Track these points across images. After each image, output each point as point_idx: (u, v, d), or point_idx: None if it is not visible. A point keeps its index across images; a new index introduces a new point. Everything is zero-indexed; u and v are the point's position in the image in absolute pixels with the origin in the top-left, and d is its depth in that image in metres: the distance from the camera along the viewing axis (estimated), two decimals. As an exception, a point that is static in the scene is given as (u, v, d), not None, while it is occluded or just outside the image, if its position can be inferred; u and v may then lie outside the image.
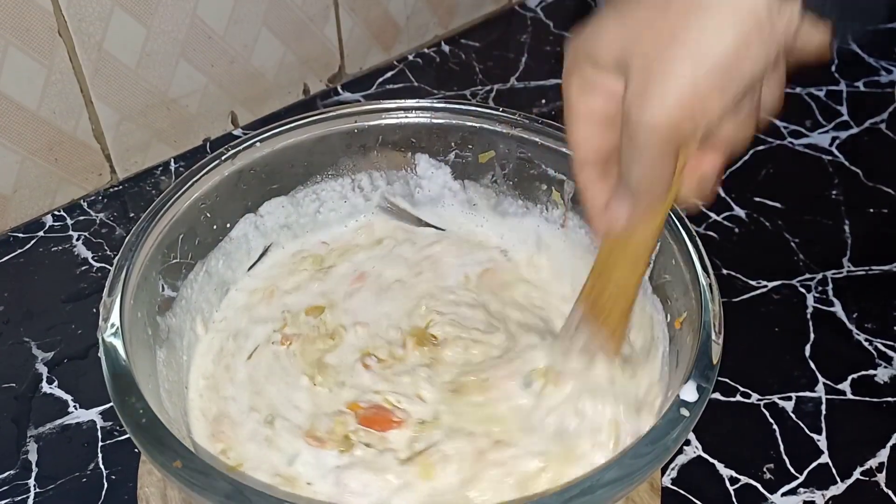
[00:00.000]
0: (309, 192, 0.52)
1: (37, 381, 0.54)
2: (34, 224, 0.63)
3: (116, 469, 0.49)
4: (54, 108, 0.60)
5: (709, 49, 0.30)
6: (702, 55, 0.30)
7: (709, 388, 0.37)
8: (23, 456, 0.50)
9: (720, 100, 0.31)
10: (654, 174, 0.33)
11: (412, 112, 0.51)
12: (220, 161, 0.47)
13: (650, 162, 0.32)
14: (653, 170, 0.33)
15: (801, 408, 0.53)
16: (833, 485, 0.49)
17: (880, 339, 0.56)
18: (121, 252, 0.42)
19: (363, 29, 0.74)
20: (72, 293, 0.59)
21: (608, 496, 0.34)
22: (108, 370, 0.38)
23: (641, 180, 0.33)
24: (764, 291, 0.59)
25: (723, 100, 0.31)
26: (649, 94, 0.31)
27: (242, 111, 0.71)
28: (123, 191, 0.66)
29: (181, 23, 0.63)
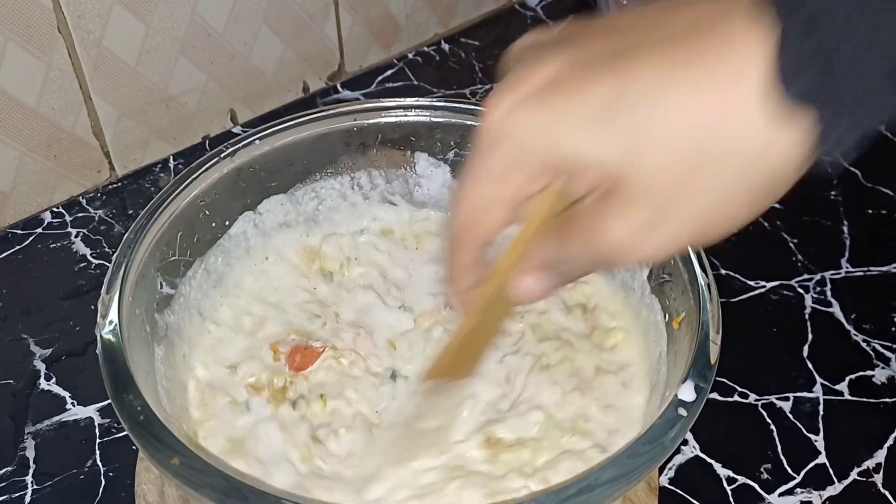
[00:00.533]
0: (308, 190, 0.52)
1: (35, 377, 0.54)
2: (33, 221, 0.63)
3: (114, 466, 0.49)
4: (53, 105, 0.60)
5: (717, 205, 0.26)
6: (710, 209, 0.26)
7: (707, 387, 0.37)
8: (20, 453, 0.50)
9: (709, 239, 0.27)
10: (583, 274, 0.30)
11: (412, 110, 0.51)
12: (220, 159, 0.47)
13: (594, 272, 0.30)
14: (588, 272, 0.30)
15: (799, 408, 0.53)
16: (830, 485, 0.49)
17: (878, 340, 0.56)
18: (119, 249, 0.42)
19: (363, 27, 0.74)
20: (70, 290, 0.59)
21: (605, 495, 0.34)
22: (106, 367, 0.38)
23: (572, 276, 0.30)
24: (762, 292, 0.59)
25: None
26: (656, 233, 0.27)
27: (242, 109, 0.71)
28: (122, 188, 0.66)
29: (181, 20, 0.63)
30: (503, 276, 0.30)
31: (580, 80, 0.26)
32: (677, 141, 0.25)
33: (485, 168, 0.28)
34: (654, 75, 0.25)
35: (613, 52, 0.25)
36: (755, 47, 0.23)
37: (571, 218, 0.28)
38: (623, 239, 0.27)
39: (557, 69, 0.26)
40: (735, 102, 0.24)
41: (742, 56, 0.24)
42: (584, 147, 0.26)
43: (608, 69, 0.25)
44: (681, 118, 0.24)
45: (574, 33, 0.27)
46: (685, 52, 0.24)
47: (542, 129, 0.26)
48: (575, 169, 0.27)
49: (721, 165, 0.25)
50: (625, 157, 0.25)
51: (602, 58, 0.25)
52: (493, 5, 0.82)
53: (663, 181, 0.25)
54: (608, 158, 0.25)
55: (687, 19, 0.25)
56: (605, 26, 0.27)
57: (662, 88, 0.24)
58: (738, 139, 0.24)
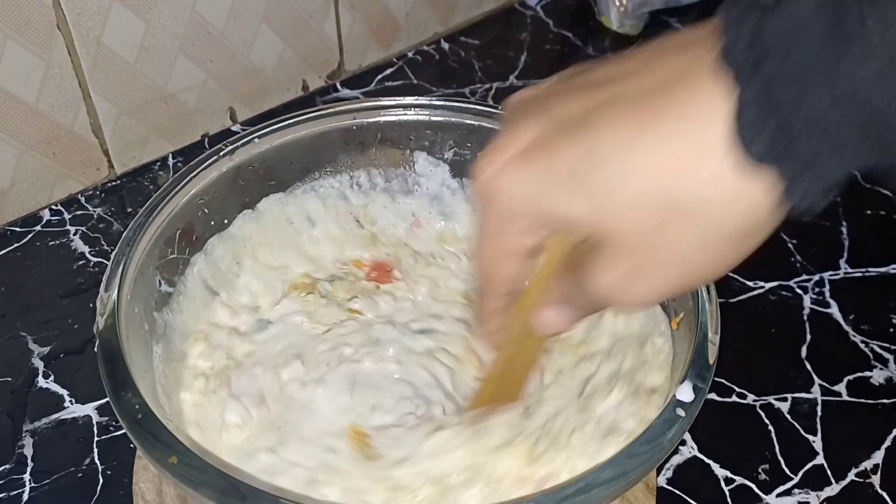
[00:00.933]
0: (307, 188, 0.52)
1: (33, 375, 0.54)
2: (31, 218, 0.63)
3: (112, 464, 0.49)
4: (52, 103, 0.60)
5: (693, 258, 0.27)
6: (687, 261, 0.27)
7: (705, 388, 0.37)
8: (18, 451, 0.50)
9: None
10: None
11: (411, 109, 0.51)
12: (219, 157, 0.47)
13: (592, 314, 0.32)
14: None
15: (797, 409, 0.53)
16: (828, 486, 0.49)
17: (876, 341, 0.56)
18: (118, 247, 0.42)
19: (363, 26, 0.74)
20: (69, 288, 0.59)
21: (603, 495, 0.34)
22: (105, 365, 0.38)
23: (588, 310, 0.32)
24: (761, 292, 0.59)
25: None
26: (641, 281, 0.28)
27: (241, 107, 0.71)
28: (121, 185, 0.66)
29: (180, 18, 0.63)
30: (528, 311, 0.32)
31: (554, 144, 0.27)
32: (643, 198, 0.26)
33: (484, 227, 0.31)
34: (618, 136, 0.26)
35: (584, 113, 0.27)
36: (716, 107, 0.24)
37: (581, 256, 0.30)
38: (611, 286, 0.28)
39: (536, 133, 0.28)
40: (699, 159, 0.25)
41: (704, 115, 0.24)
42: (560, 207, 0.27)
43: (578, 131, 0.27)
44: (644, 176, 0.25)
45: (556, 92, 0.29)
46: (650, 111, 0.25)
47: (523, 191, 0.28)
48: (559, 225, 0.29)
49: (691, 218, 0.26)
50: (596, 216, 0.27)
51: (574, 119, 0.27)
52: (493, 4, 0.82)
53: (636, 235, 0.27)
54: (582, 217, 0.27)
55: (656, 75, 0.26)
56: (585, 82, 0.28)
57: (626, 148, 0.26)
58: (705, 194, 0.25)
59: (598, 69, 0.28)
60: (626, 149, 0.26)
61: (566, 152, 0.27)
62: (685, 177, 0.25)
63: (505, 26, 0.81)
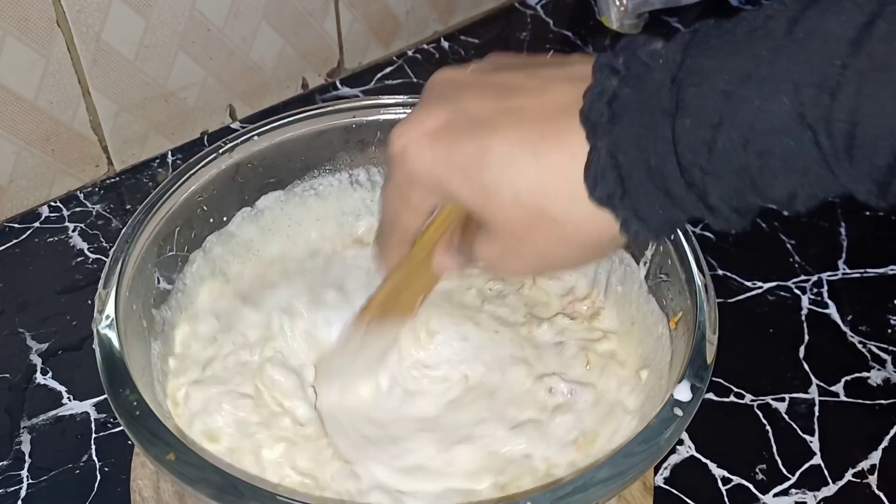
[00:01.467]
0: (306, 186, 0.52)
1: (31, 371, 0.54)
2: (30, 215, 0.63)
3: (110, 461, 0.49)
4: (52, 99, 0.60)
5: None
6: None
7: (702, 388, 0.37)
8: (16, 447, 0.50)
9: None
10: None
11: (411, 108, 0.51)
12: (218, 154, 0.47)
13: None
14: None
15: (795, 409, 0.53)
16: (825, 486, 0.49)
17: (874, 342, 0.56)
18: (116, 244, 0.42)
19: (363, 24, 0.74)
20: (67, 284, 0.59)
21: (600, 494, 0.34)
22: (103, 362, 0.38)
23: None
24: (759, 292, 0.59)
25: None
26: (510, 262, 0.34)
27: (241, 104, 0.71)
28: (120, 182, 0.66)
29: (180, 15, 0.63)
30: (426, 248, 0.37)
31: (459, 135, 0.32)
32: (518, 201, 0.31)
33: (391, 183, 0.36)
34: (509, 146, 0.31)
35: (489, 116, 0.32)
36: (579, 150, 0.30)
37: (470, 221, 0.35)
38: (488, 259, 0.35)
39: (447, 118, 0.33)
40: (563, 185, 0.31)
41: (571, 152, 0.30)
42: (453, 188, 0.33)
43: (479, 130, 0.32)
44: (522, 184, 0.31)
45: (474, 83, 0.34)
46: (536, 134, 0.31)
47: (427, 166, 0.33)
48: (452, 201, 0.34)
49: (553, 226, 0.31)
50: (481, 206, 0.32)
51: (480, 119, 0.32)
52: (493, 3, 0.82)
53: (510, 228, 0.32)
54: (469, 201, 0.33)
55: (549, 101, 0.31)
56: (499, 81, 0.33)
57: (512, 158, 0.31)
58: (564, 211, 0.31)
59: (513, 71, 0.33)
60: (512, 159, 0.31)
61: (466, 146, 0.32)
62: (552, 194, 0.31)
63: (505, 25, 0.81)
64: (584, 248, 0.33)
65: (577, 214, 0.31)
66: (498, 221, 0.32)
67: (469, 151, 0.32)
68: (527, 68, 0.33)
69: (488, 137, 0.31)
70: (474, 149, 0.32)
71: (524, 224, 0.32)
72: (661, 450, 0.35)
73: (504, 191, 0.31)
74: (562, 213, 0.31)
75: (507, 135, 0.31)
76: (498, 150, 0.31)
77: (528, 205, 0.31)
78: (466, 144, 0.32)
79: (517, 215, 0.32)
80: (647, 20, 0.81)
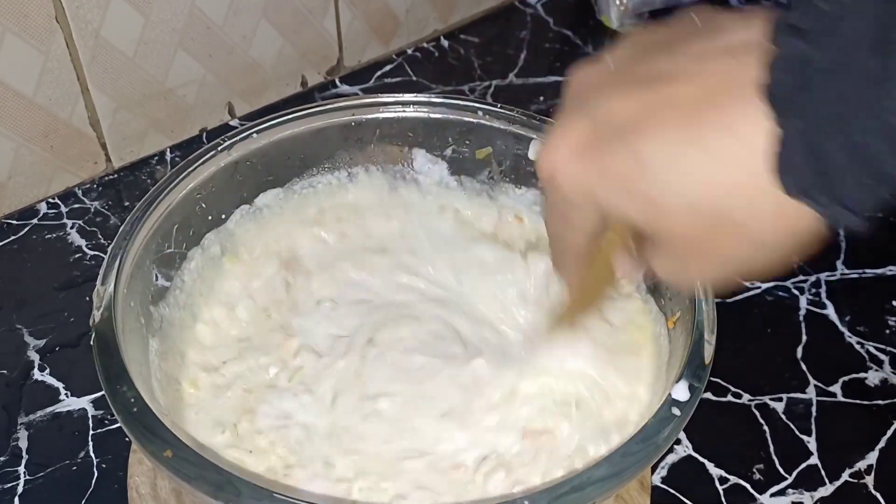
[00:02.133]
0: (305, 184, 0.52)
1: (28, 368, 0.54)
2: (28, 211, 0.63)
3: (107, 458, 0.49)
4: (50, 96, 0.60)
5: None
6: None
7: (700, 387, 0.37)
8: (13, 443, 0.50)
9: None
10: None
11: (410, 106, 0.51)
12: (217, 152, 0.47)
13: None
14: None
15: (792, 409, 0.53)
16: (822, 486, 0.49)
17: (872, 343, 0.56)
18: (115, 241, 0.42)
19: (362, 22, 0.74)
20: (65, 281, 0.59)
21: (598, 493, 0.34)
22: (100, 359, 0.38)
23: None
24: (757, 293, 0.59)
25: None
26: (688, 274, 0.32)
27: (240, 102, 0.71)
28: (118, 179, 0.66)
29: (180, 12, 0.63)
30: (603, 259, 0.36)
31: (607, 148, 0.28)
32: (691, 207, 0.27)
33: (550, 206, 0.33)
34: (666, 146, 0.27)
35: (634, 118, 0.28)
36: (760, 134, 0.25)
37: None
38: (665, 272, 0.31)
39: (593, 128, 0.29)
40: (743, 179, 0.26)
41: (748, 139, 0.25)
42: (614, 207, 0.29)
43: (628, 137, 0.28)
44: (692, 187, 0.27)
45: (613, 82, 0.29)
46: (696, 125, 0.26)
47: (581, 188, 0.30)
48: (617, 219, 0.30)
49: (736, 228, 0.27)
50: (647, 220, 0.29)
51: (625, 124, 0.28)
52: (493, 2, 0.82)
53: (686, 237, 0.28)
54: (634, 217, 0.29)
55: (704, 82, 0.27)
56: (641, 75, 0.29)
57: (674, 159, 0.27)
58: (749, 209, 0.26)
59: (657, 55, 0.29)
60: (675, 160, 0.27)
61: (617, 158, 0.28)
62: (730, 193, 0.26)
63: (505, 24, 0.81)
64: (777, 248, 0.27)
65: (766, 211, 0.26)
66: (670, 233, 0.28)
67: (621, 164, 0.28)
68: (673, 47, 0.28)
69: (641, 142, 0.27)
70: (628, 158, 0.28)
71: (699, 232, 0.27)
72: (659, 449, 0.35)
73: (673, 200, 0.27)
74: (746, 212, 0.26)
75: (663, 133, 0.27)
76: (655, 154, 0.27)
77: (705, 210, 0.27)
78: (618, 155, 0.28)
79: (690, 223, 0.27)
80: (647, 20, 0.81)
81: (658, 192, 0.27)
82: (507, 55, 0.78)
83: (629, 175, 0.28)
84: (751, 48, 0.26)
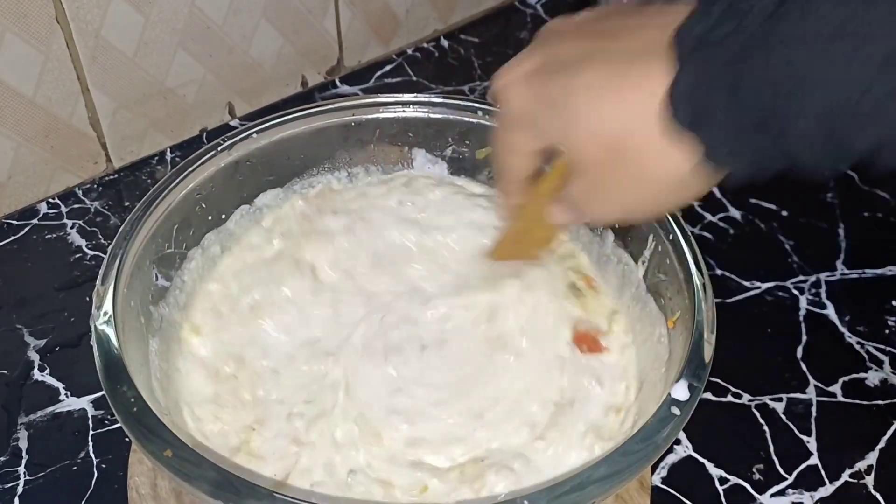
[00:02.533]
0: (305, 184, 0.52)
1: (28, 368, 0.54)
2: (28, 211, 0.63)
3: (107, 458, 0.49)
4: (51, 95, 0.60)
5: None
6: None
7: (700, 387, 0.37)
8: (13, 443, 0.50)
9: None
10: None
11: (410, 106, 0.51)
12: (217, 151, 0.47)
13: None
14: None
15: (792, 409, 0.53)
16: (821, 486, 0.49)
17: (872, 343, 0.56)
18: (115, 240, 0.42)
19: (362, 22, 0.74)
20: (65, 281, 0.59)
21: (597, 493, 0.34)
22: (101, 358, 0.38)
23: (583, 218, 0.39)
24: (757, 293, 0.59)
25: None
26: (594, 201, 0.36)
27: (240, 102, 0.71)
28: (119, 179, 0.66)
29: (180, 12, 0.63)
30: (542, 198, 0.39)
31: (549, 76, 0.34)
32: (599, 136, 0.32)
33: (498, 128, 0.38)
34: (590, 83, 0.32)
35: (577, 58, 0.33)
36: (661, 78, 0.30)
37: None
38: (574, 197, 0.36)
39: (545, 60, 0.35)
40: (640, 116, 0.31)
41: (652, 83, 0.30)
42: (542, 124, 0.35)
43: (567, 70, 0.33)
44: (603, 119, 0.32)
45: (573, 31, 0.35)
46: (618, 72, 0.32)
47: (521, 104, 0.35)
48: (545, 137, 0.35)
49: (628, 162, 0.32)
50: (564, 140, 0.34)
51: (568, 61, 0.33)
52: (493, 2, 0.82)
53: (592, 162, 0.33)
54: (555, 136, 0.34)
55: (635, 42, 0.32)
56: (595, 28, 0.35)
57: (592, 94, 0.32)
58: (643, 145, 0.31)
59: (618, 17, 0.34)
60: (592, 95, 0.32)
61: (555, 84, 0.34)
62: (630, 129, 0.31)
63: (505, 24, 0.81)
64: (665, 188, 0.32)
65: (656, 147, 0.31)
66: (581, 156, 0.33)
67: (557, 89, 0.33)
68: (633, 13, 0.34)
69: (574, 76, 0.33)
70: (561, 87, 0.33)
71: (601, 160, 0.33)
72: (659, 449, 0.35)
73: (584, 125, 0.32)
74: (640, 146, 0.31)
75: (593, 73, 0.32)
76: (582, 88, 0.32)
77: (607, 140, 0.32)
78: (555, 83, 0.33)
79: (597, 150, 0.32)
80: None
81: (573, 116, 0.33)
82: (507, 55, 0.77)
83: (556, 101, 0.33)
84: (676, 21, 0.31)
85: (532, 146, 0.36)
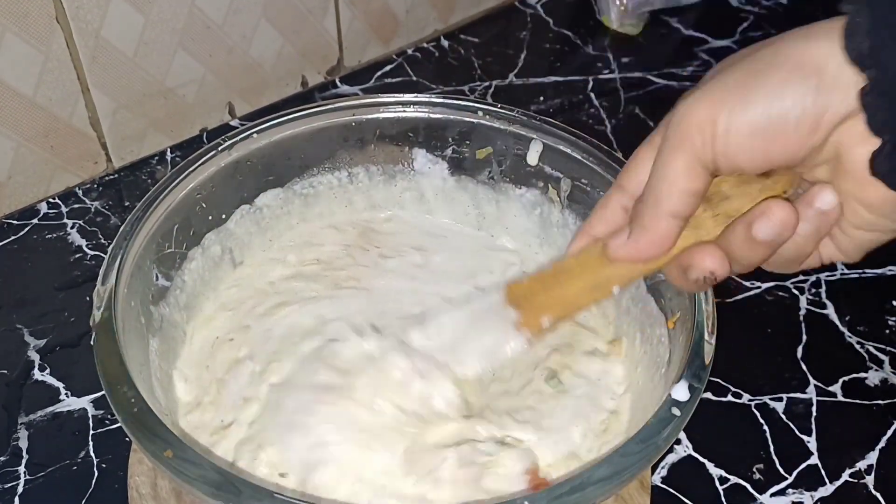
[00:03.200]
0: (305, 184, 0.52)
1: (29, 368, 0.54)
2: (28, 211, 0.63)
3: (107, 458, 0.49)
4: (51, 95, 0.60)
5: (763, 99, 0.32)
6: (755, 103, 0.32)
7: (700, 387, 0.37)
8: (13, 443, 0.50)
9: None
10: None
11: (410, 106, 0.51)
12: (217, 151, 0.47)
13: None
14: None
15: (792, 409, 0.53)
16: (822, 486, 0.49)
17: (872, 343, 0.56)
18: (115, 240, 0.42)
19: (362, 22, 0.74)
20: (65, 281, 0.59)
21: (598, 493, 0.34)
22: (100, 358, 0.38)
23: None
24: (757, 292, 0.59)
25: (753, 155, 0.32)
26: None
27: (240, 102, 0.71)
28: (119, 179, 0.66)
29: (180, 12, 0.63)
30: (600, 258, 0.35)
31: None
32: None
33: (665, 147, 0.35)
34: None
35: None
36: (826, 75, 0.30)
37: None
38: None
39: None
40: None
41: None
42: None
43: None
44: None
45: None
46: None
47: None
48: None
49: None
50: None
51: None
52: (493, 2, 0.82)
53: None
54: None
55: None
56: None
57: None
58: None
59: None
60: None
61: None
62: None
63: (505, 24, 0.81)
64: (798, 128, 0.31)
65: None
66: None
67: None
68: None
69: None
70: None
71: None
72: (659, 449, 0.35)
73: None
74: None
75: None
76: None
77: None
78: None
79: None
80: (647, 20, 0.81)
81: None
82: (508, 55, 0.78)
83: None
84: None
85: (696, 182, 0.33)
